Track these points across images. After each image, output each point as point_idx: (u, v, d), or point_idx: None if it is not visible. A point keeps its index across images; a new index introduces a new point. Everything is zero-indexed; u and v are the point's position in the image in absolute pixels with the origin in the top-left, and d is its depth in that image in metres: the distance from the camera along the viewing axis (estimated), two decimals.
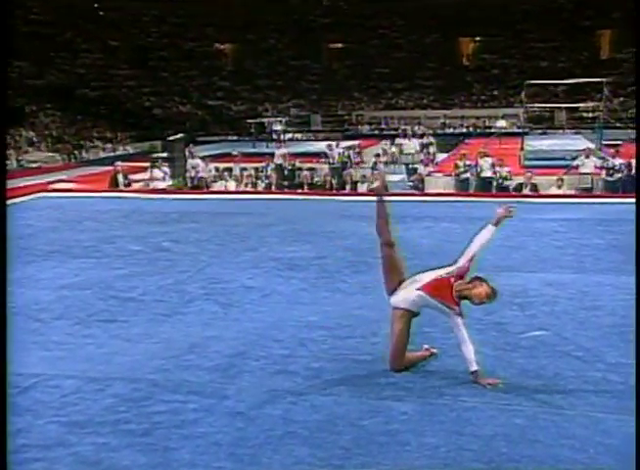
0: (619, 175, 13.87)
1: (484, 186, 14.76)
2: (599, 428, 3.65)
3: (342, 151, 19.09)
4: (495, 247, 7.85)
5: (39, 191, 12.55)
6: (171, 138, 17.13)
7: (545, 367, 4.41)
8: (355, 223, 9.45)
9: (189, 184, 15.85)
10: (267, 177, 15.60)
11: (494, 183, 14.73)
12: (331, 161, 18.45)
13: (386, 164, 19.95)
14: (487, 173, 14.96)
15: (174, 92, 39.96)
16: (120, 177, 13.91)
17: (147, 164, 17.05)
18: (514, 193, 13.44)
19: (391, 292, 4.32)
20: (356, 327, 5.12)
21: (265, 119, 28.98)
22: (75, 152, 27.19)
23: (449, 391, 4.06)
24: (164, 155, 16.88)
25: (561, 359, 4.53)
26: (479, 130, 32.01)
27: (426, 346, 4.51)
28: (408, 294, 4.26)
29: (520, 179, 14.24)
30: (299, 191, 14.04)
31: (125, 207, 11.27)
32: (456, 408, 3.85)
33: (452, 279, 4.31)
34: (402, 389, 4.09)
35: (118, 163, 14.59)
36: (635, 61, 18.82)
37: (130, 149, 29.12)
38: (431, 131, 30.30)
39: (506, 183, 14.54)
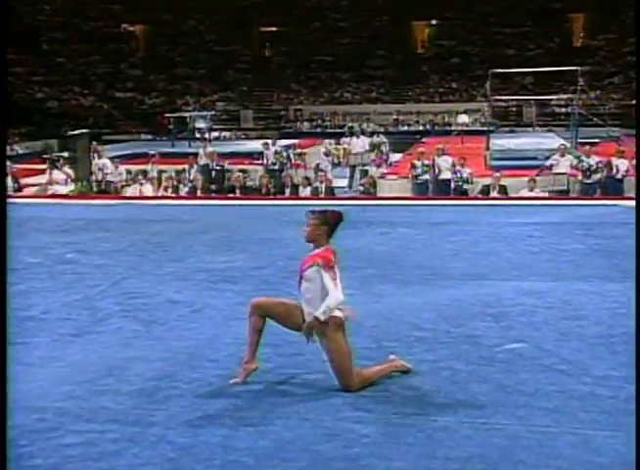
0: (598, 176, 14.44)
1: (443, 190, 15.05)
2: (588, 446, 3.79)
3: (279, 150, 19.18)
4: (462, 253, 8.20)
5: None
6: (73, 133, 16.87)
7: (525, 382, 4.57)
8: (298, 229, 9.55)
9: (95, 188, 15.64)
10: (191, 180, 15.55)
11: (452, 186, 15.05)
12: (266, 161, 18.53)
13: (333, 165, 20.16)
14: (447, 175, 15.24)
15: (73, 81, 39.35)
16: (9, 181, 13.63)
17: (41, 166, 16.76)
18: (480, 196, 13.81)
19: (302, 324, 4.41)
20: (304, 343, 5.16)
21: (187, 114, 28.82)
22: None
23: (417, 410, 4.16)
24: (65, 154, 16.60)
25: (542, 373, 4.71)
26: (437, 128, 32.71)
27: (392, 356, 4.60)
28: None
29: (486, 181, 14.63)
30: (231, 196, 14.05)
31: (18, 214, 11.00)
32: (426, 429, 3.94)
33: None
34: (361, 409, 4.18)
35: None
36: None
37: (19, 149, 28.46)
38: (382, 129, 30.81)
39: (466, 186, 14.90)
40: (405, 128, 33.75)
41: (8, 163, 14.45)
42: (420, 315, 5.93)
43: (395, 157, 22.20)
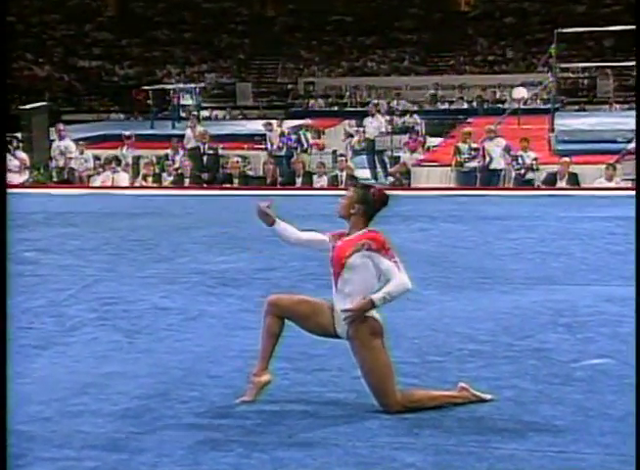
0: None
1: (494, 182, 15.15)
2: None
3: (288, 131, 19.36)
4: (524, 253, 8.28)
5: None
6: (27, 107, 17.02)
7: (612, 404, 4.61)
8: (315, 225, 9.71)
9: (55, 177, 15.80)
10: (177, 168, 15.71)
11: (513, 175, 15.13)
12: (271, 146, 18.71)
13: (355, 152, 20.32)
14: (499, 164, 15.34)
15: (25, 46, 39.72)
16: None
17: None
18: (544, 186, 13.87)
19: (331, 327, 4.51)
20: (331, 357, 5.27)
21: (169, 88, 29.01)
22: None
23: (474, 435, 4.21)
24: (19, 135, 16.79)
25: (634, 394, 4.72)
26: (486, 105, 32.79)
27: (462, 384, 4.63)
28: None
29: (552, 169, 14.69)
30: (227, 186, 14.19)
31: None
32: (486, 457, 3.99)
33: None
34: (404, 434, 4.24)
35: None
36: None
37: None
38: (416, 107, 30.92)
39: (531, 175, 14.97)
40: (446, 106, 33.84)
41: None
42: (473, 325, 6.01)
43: (434, 141, 22.38)
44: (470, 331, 5.86)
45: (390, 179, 17.23)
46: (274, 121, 20.27)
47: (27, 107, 17.56)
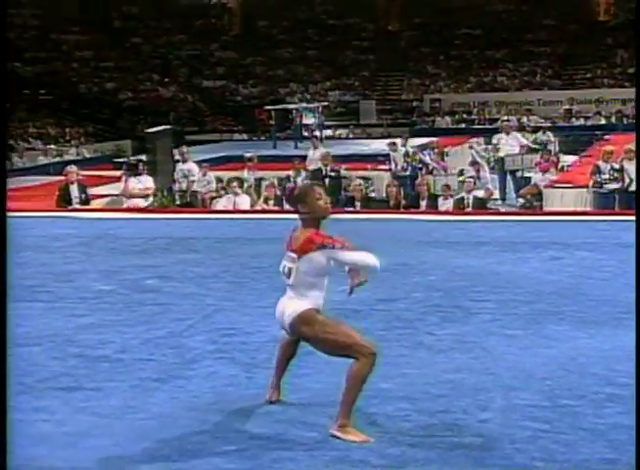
0: None
1: (633, 204, 14.75)
2: None
3: (411, 152, 19.34)
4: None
5: None
6: (151, 131, 17.54)
7: None
8: (439, 252, 9.84)
9: (178, 201, 16.15)
10: None
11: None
12: (394, 166, 18.71)
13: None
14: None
15: (151, 67, 40.94)
16: (75, 190, 14.28)
17: (114, 173, 17.49)
18: None
19: None
20: (454, 398, 5.21)
21: (292, 107, 29.44)
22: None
23: None
24: (144, 158, 17.31)
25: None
26: (626, 121, 31.98)
27: None
28: None
29: None
30: (350, 209, 14.19)
31: (85, 231, 11.71)
32: None
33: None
34: None
35: (72, 168, 14.96)
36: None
37: (86, 152, 29.94)
38: (549, 123, 30.40)
39: None
40: (581, 122, 33.16)
41: (74, 168, 15.14)
42: (612, 366, 5.78)
43: (567, 159, 21.98)
44: (607, 372, 5.64)
45: (520, 201, 16.98)
46: (398, 140, 20.30)
47: (152, 130, 18.08)
